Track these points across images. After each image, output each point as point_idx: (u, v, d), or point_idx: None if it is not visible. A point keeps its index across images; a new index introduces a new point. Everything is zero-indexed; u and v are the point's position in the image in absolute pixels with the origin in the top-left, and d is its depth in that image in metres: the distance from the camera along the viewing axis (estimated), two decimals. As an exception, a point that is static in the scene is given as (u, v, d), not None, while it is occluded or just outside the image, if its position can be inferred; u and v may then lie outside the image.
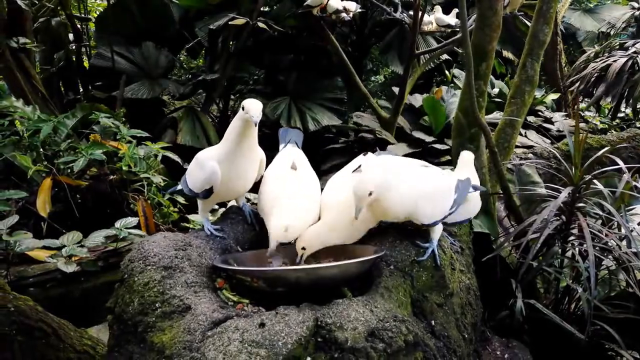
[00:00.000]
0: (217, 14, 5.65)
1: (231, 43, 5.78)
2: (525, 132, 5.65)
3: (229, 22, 5.23)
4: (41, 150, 3.97)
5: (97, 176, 4.13)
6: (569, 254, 2.80)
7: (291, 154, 2.14)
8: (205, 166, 1.89)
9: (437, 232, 1.90)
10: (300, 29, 5.92)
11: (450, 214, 1.93)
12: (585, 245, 2.47)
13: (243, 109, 1.82)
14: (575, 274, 2.81)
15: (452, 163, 2.90)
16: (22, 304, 2.41)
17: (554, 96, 6.03)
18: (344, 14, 5.08)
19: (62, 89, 6.06)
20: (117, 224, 3.34)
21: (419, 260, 1.81)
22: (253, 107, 1.80)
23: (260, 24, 5.23)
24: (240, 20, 5.18)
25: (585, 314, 2.41)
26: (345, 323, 1.46)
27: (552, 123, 5.85)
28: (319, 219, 1.87)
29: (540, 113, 6.00)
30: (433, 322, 1.75)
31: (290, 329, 1.42)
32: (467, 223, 2.47)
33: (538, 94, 6.28)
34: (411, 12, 5.14)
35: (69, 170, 3.86)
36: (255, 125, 1.81)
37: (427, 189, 1.85)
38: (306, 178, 2.01)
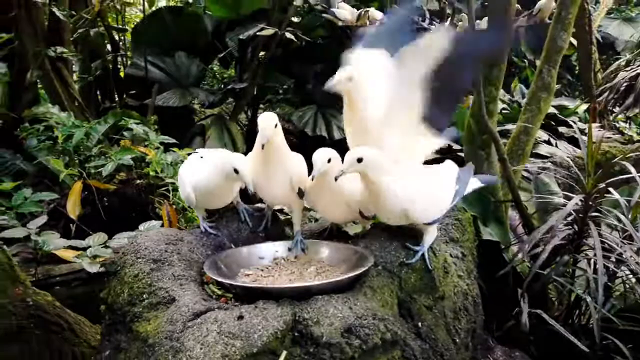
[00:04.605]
0: (247, 25, 5.80)
1: (262, 53, 5.90)
2: (556, 143, 5.54)
3: (258, 33, 5.35)
4: (74, 154, 4.12)
5: (126, 181, 4.25)
6: (582, 264, 2.73)
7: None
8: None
9: (431, 235, 1.89)
10: (329, 39, 5.98)
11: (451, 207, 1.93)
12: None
13: None
14: (587, 285, 2.73)
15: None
16: (41, 298, 2.51)
17: (587, 106, 5.89)
18: (374, 19, 5.10)
19: (100, 97, 6.31)
20: (141, 227, 3.44)
21: (407, 262, 1.81)
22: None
23: (288, 34, 5.33)
24: (269, 31, 5.29)
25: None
26: (323, 318, 1.48)
27: (585, 134, 5.69)
28: None
29: (572, 123, 5.86)
30: (420, 324, 1.74)
31: (268, 322, 1.45)
32: (473, 230, 2.45)
33: (572, 104, 6.15)
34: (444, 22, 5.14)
35: (99, 175, 3.98)
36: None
37: (424, 187, 1.83)
38: None
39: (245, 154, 2.08)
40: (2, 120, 5.31)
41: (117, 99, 6.18)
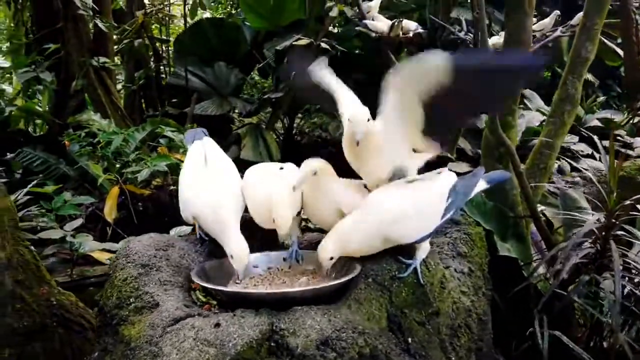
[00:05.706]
0: (285, 35, 5.86)
1: (297, 63, 5.95)
2: (600, 157, 5.32)
3: (294, 43, 5.40)
4: (112, 160, 4.27)
5: (160, 186, 4.37)
6: (607, 284, 2.60)
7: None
8: None
9: (424, 249, 1.85)
10: (364, 49, 5.98)
11: (444, 222, 1.88)
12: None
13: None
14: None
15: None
16: (65, 298, 2.60)
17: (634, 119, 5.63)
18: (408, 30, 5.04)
19: (144, 105, 6.54)
20: (172, 232, 3.53)
21: (399, 276, 1.78)
22: None
23: (323, 45, 5.35)
24: (304, 41, 5.32)
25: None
26: (299, 330, 1.47)
27: (632, 148, 5.46)
28: None
29: (619, 137, 5.62)
30: (410, 340, 1.70)
31: (244, 331, 1.45)
32: (485, 245, 2.37)
33: (617, 117, 5.91)
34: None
35: (135, 180, 4.11)
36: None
37: (400, 211, 1.78)
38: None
39: (280, 162, 2.10)
40: (48, 126, 5.60)
41: (160, 107, 6.39)
